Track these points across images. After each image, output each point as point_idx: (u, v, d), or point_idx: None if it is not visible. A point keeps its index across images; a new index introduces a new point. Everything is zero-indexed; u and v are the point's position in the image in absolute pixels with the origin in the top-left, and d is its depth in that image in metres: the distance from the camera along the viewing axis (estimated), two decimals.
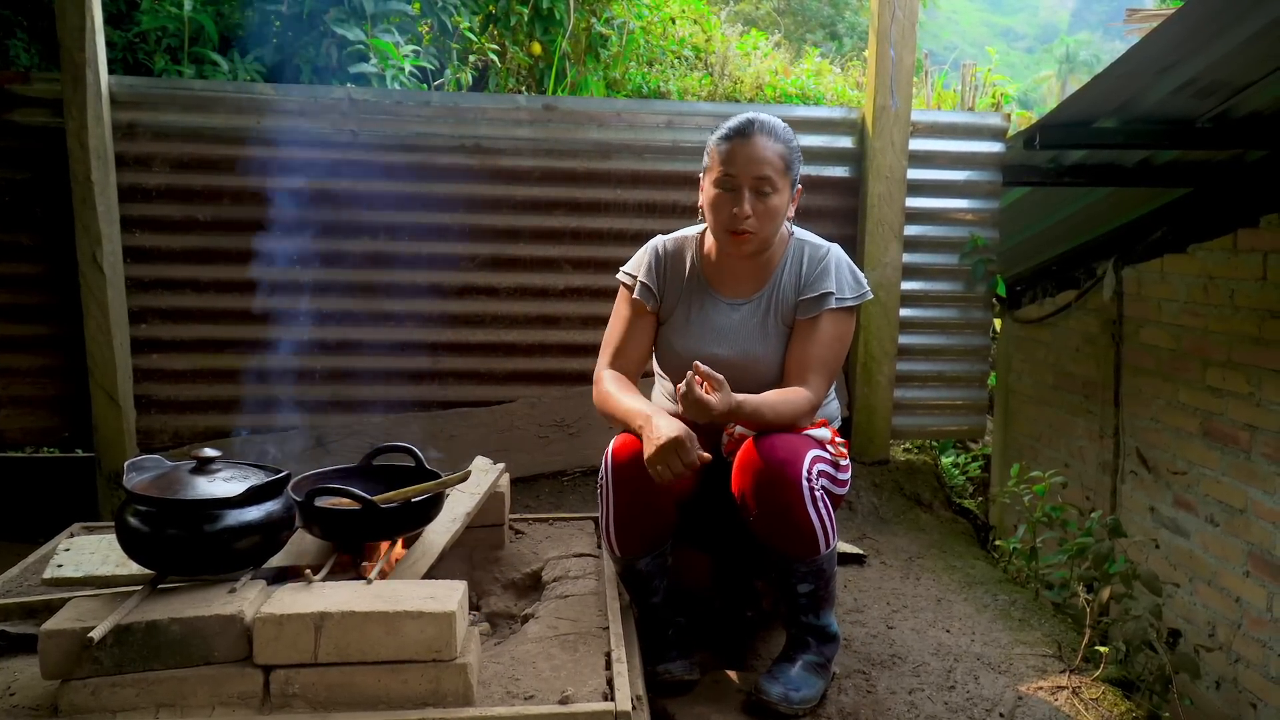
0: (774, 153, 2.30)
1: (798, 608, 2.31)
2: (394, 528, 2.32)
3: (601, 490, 2.32)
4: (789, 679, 2.25)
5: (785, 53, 8.85)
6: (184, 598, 1.97)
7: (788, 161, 2.32)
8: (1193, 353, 4.00)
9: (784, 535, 2.22)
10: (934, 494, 3.94)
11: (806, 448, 2.24)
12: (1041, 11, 58.15)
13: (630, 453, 2.25)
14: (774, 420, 2.26)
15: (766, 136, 2.31)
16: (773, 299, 2.41)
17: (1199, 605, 3.94)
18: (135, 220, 3.58)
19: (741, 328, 2.41)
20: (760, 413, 2.23)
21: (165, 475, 2.10)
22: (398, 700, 1.89)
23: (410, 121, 3.67)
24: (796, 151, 2.36)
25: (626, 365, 2.49)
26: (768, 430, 2.26)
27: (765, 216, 2.30)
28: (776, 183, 2.29)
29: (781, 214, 2.34)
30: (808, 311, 2.37)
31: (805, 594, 2.29)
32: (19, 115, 3.53)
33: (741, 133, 2.32)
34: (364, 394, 3.73)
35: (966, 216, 4.00)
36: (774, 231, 2.35)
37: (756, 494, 2.19)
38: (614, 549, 2.37)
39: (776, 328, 2.41)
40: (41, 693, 1.96)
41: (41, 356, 3.64)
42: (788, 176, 2.33)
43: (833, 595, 2.36)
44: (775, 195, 2.30)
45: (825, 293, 2.36)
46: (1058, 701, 2.37)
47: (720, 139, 2.35)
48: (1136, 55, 3.20)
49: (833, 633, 2.37)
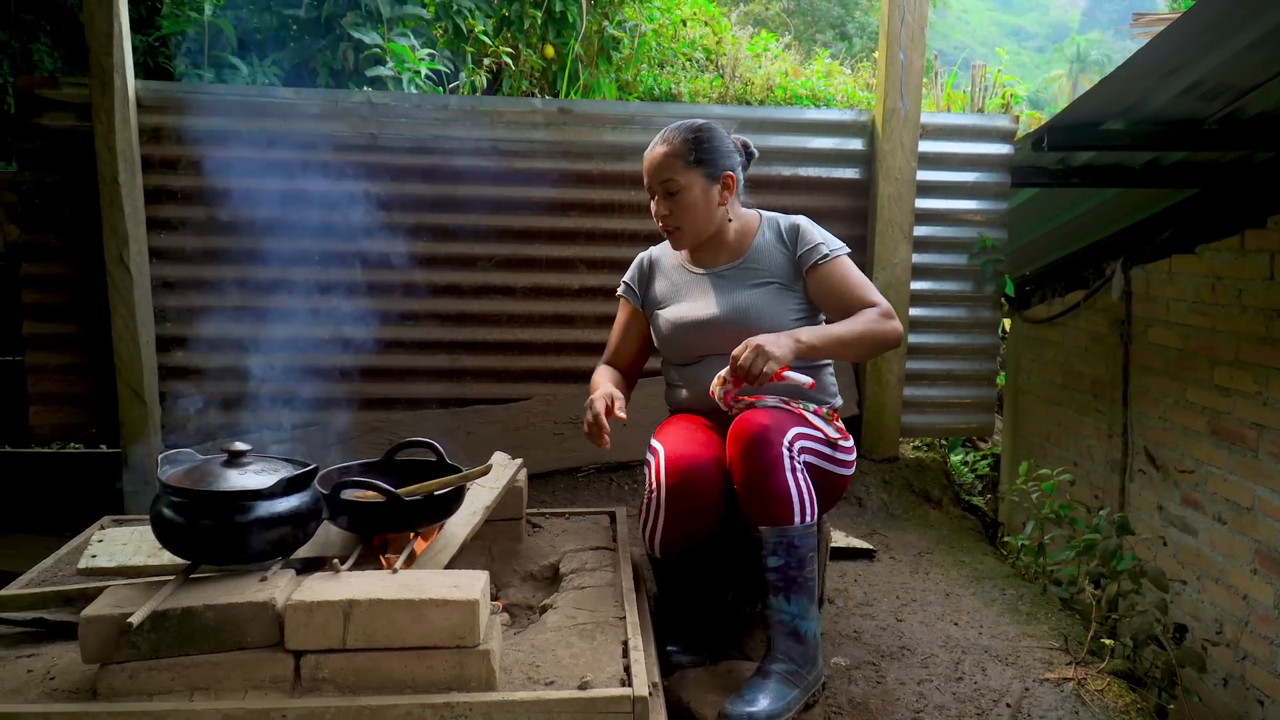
0: (667, 154, 2.47)
1: (767, 586, 2.27)
2: (416, 520, 2.39)
3: (651, 500, 2.38)
4: (754, 698, 2.19)
5: (795, 54, 8.90)
6: (217, 585, 2.03)
7: (685, 157, 2.46)
8: (1200, 352, 4.04)
9: (759, 500, 2.24)
10: (943, 491, 4.00)
11: (791, 423, 2.31)
12: (1052, 11, 57.98)
13: (682, 465, 2.32)
14: (854, 337, 2.37)
15: (661, 143, 2.50)
16: (756, 259, 2.55)
17: (1206, 603, 3.99)
18: (160, 221, 3.66)
19: (726, 289, 2.54)
20: (832, 337, 2.36)
21: (198, 468, 2.16)
22: (423, 685, 1.95)
23: (429, 124, 3.75)
24: (701, 143, 2.48)
25: (618, 361, 2.73)
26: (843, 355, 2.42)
27: (681, 212, 2.49)
28: (679, 180, 2.46)
29: (700, 204, 2.49)
30: (810, 262, 2.50)
31: (775, 568, 2.25)
32: (48, 119, 3.62)
33: (649, 147, 2.53)
34: (383, 391, 3.80)
35: (975, 217, 4.05)
36: (701, 222, 2.51)
37: (740, 459, 2.26)
38: (654, 550, 2.44)
39: (763, 283, 2.52)
40: (80, 676, 2.03)
41: (69, 354, 3.72)
42: (694, 170, 2.47)
43: (808, 585, 2.28)
44: (685, 191, 2.46)
45: (815, 245, 2.52)
46: (1064, 693, 2.42)
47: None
48: (1143, 58, 3.25)
49: (808, 636, 2.29)
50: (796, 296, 2.52)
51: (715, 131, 2.53)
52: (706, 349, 2.51)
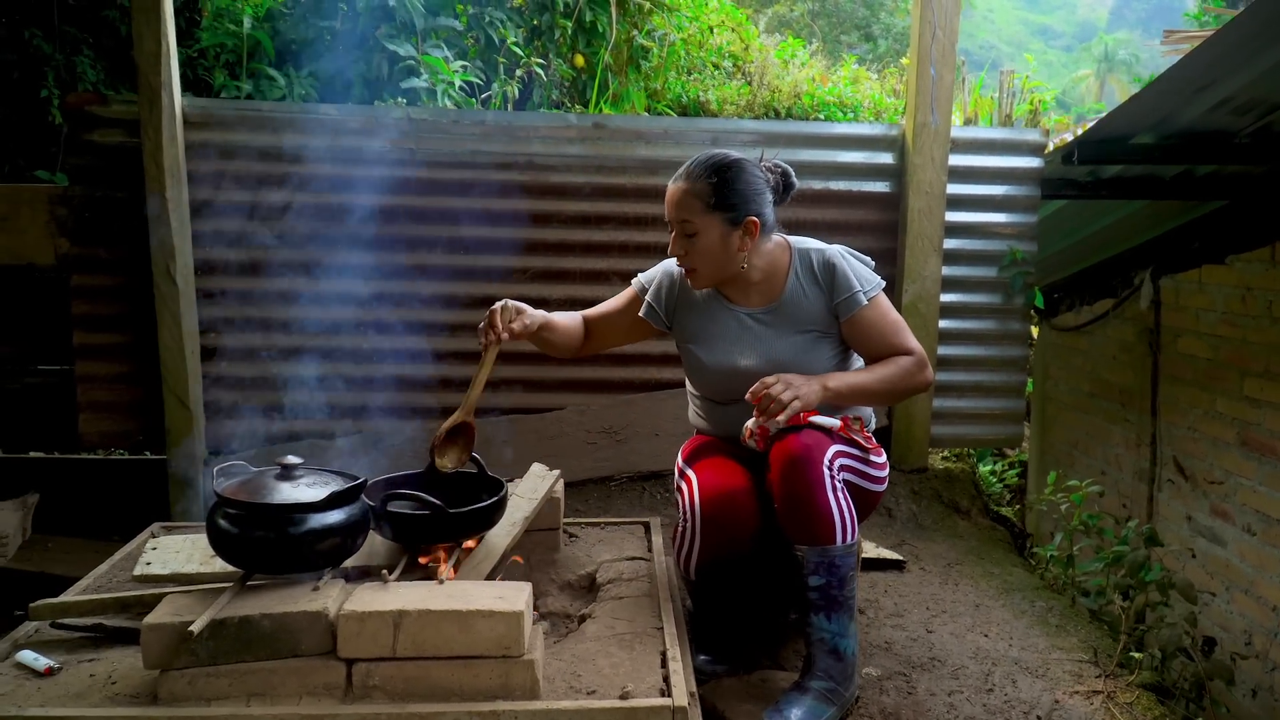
0: (686, 193, 2.39)
1: (808, 605, 2.31)
2: (460, 531, 2.46)
3: (685, 528, 2.44)
4: (791, 713, 2.25)
5: (821, 58, 8.93)
6: (271, 595, 2.11)
7: (705, 199, 2.38)
8: (1230, 363, 4.06)
9: (802, 520, 2.28)
10: (972, 501, 4.04)
11: (831, 442, 2.35)
12: (1080, 9, 57.57)
13: (715, 495, 2.37)
14: (882, 387, 2.41)
15: (684, 179, 2.41)
16: (792, 305, 2.50)
17: (1235, 614, 4.00)
18: (205, 235, 3.76)
19: (764, 336, 2.51)
20: (860, 388, 2.40)
21: (252, 480, 2.24)
22: (470, 693, 2.02)
23: (465, 139, 3.83)
24: (725, 185, 2.39)
25: (594, 326, 2.71)
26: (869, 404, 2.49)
27: (695, 255, 2.42)
28: (695, 223, 2.38)
29: (717, 250, 2.41)
30: (848, 312, 2.46)
31: (816, 588, 2.29)
32: (98, 135, 3.72)
33: (673, 178, 2.45)
34: (422, 401, 3.88)
35: (1005, 230, 4.08)
36: (717, 267, 2.44)
37: (781, 480, 2.29)
38: (689, 574, 2.50)
39: (800, 332, 2.50)
40: (140, 681, 2.10)
41: (117, 363, 3.82)
42: (712, 214, 2.38)
43: (848, 604, 2.33)
44: (701, 235, 2.39)
45: (853, 293, 2.46)
46: (1093, 706, 2.46)
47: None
48: (1174, 75, 3.28)
49: (846, 654, 2.33)
50: (832, 341, 2.51)
51: (744, 171, 2.42)
52: (740, 394, 2.41)
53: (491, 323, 2.45)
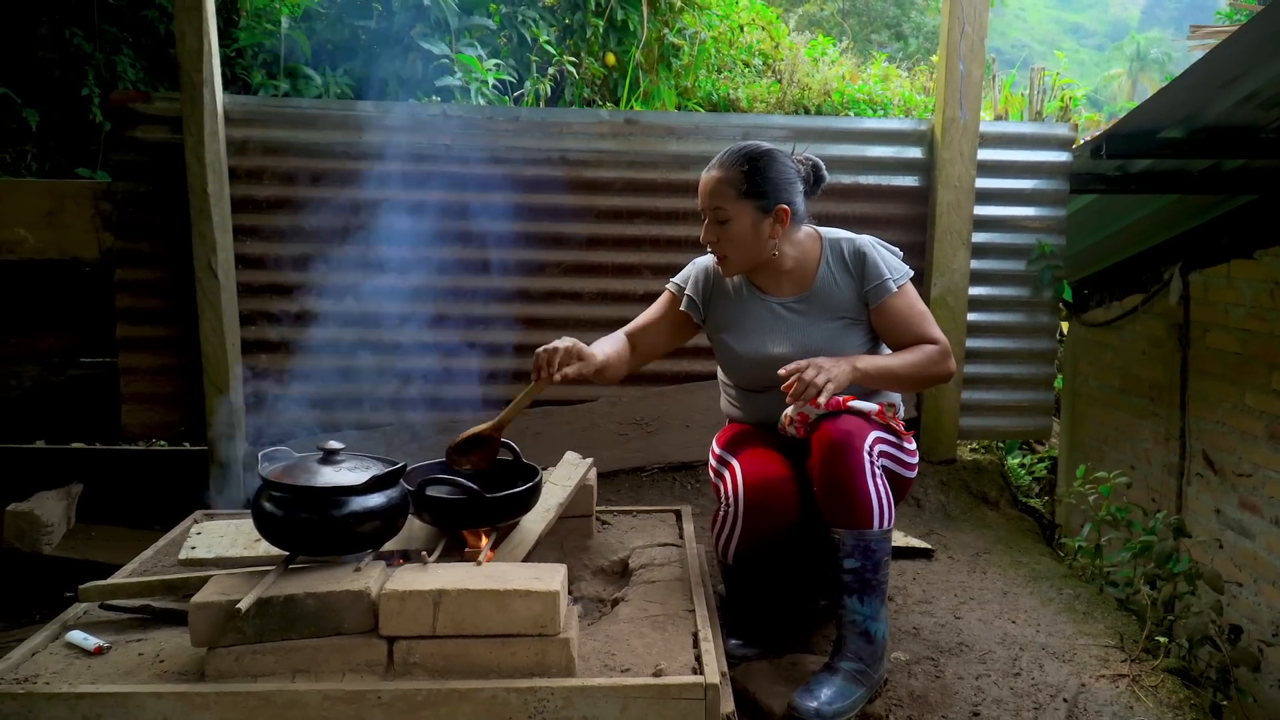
0: (720, 181, 2.45)
1: (842, 587, 2.36)
2: (496, 516, 2.52)
3: (727, 514, 2.48)
4: (822, 693, 2.28)
5: (851, 57, 8.95)
6: (315, 575, 2.17)
7: (738, 186, 2.44)
8: (1259, 357, 4.06)
9: (841, 504, 2.33)
10: (1000, 493, 4.06)
11: (871, 428, 2.40)
12: (1111, 8, 57.03)
13: (759, 483, 2.42)
14: (908, 372, 2.46)
15: (717, 167, 2.48)
16: (824, 294, 2.56)
17: (1263, 605, 4.01)
18: (246, 229, 3.84)
19: (797, 324, 2.57)
20: (888, 371, 2.46)
21: (295, 465, 2.31)
22: (507, 670, 2.08)
23: (501, 135, 3.90)
24: (757, 173, 2.45)
25: (636, 339, 2.72)
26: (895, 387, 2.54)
27: (727, 241, 2.48)
28: (728, 210, 2.44)
29: (748, 237, 2.47)
30: (877, 299, 2.52)
31: (851, 570, 2.34)
32: (140, 132, 3.82)
33: (707, 167, 2.51)
34: (456, 393, 3.94)
35: (1034, 224, 4.10)
36: (748, 253, 2.50)
37: (823, 463, 2.34)
38: (726, 559, 2.55)
39: (832, 319, 2.55)
40: (188, 659, 2.17)
41: (160, 356, 3.91)
42: (744, 201, 2.44)
43: (880, 588, 2.38)
44: (733, 222, 2.45)
45: (882, 280, 2.52)
46: (1119, 689, 2.49)
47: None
48: (1201, 70, 3.29)
49: (877, 637, 2.38)
50: (862, 328, 2.56)
51: (775, 161, 2.48)
52: (774, 382, 2.48)
53: (549, 360, 2.40)
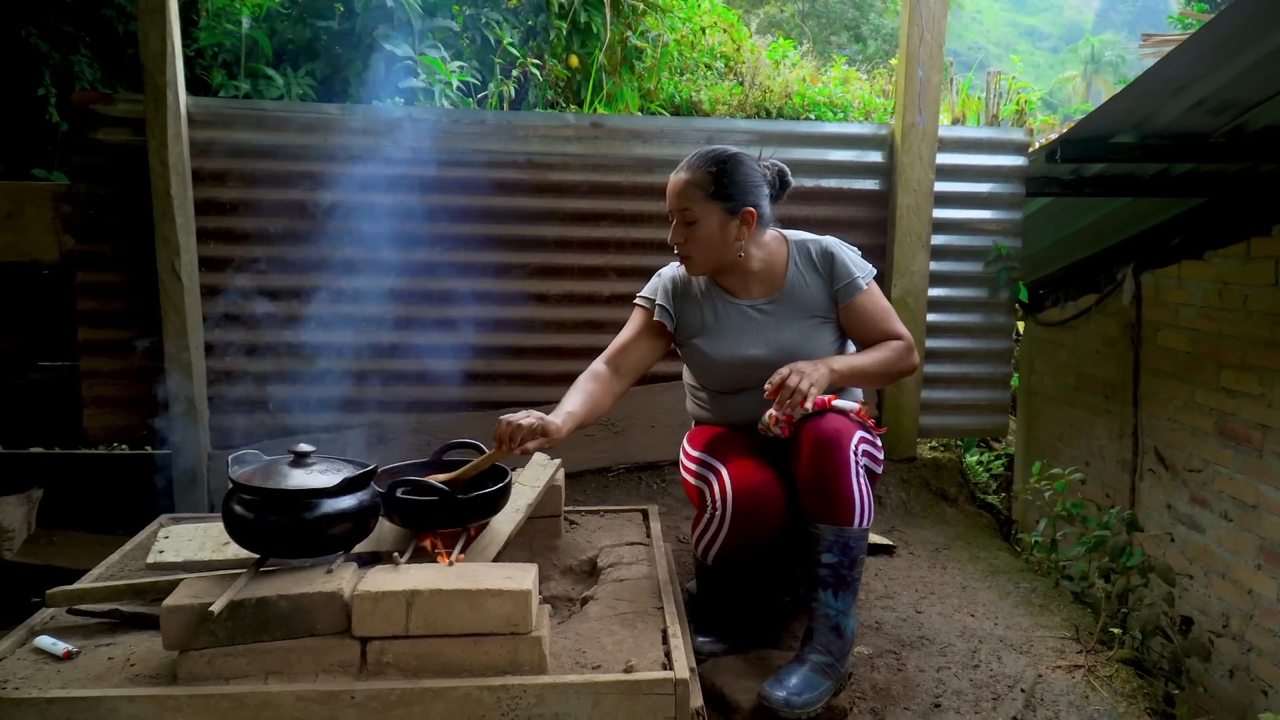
0: (688, 183, 2.50)
1: (817, 581, 2.41)
2: (466, 517, 2.55)
3: (713, 517, 2.50)
4: (790, 682, 2.32)
5: (812, 59, 9.02)
6: (287, 577, 2.18)
7: (705, 188, 2.49)
8: (1208, 355, 4.17)
9: (826, 500, 2.39)
10: (959, 489, 4.14)
11: (855, 427, 2.47)
12: (1066, 11, 57.90)
13: (748, 488, 2.45)
14: (877, 369, 2.54)
15: (685, 169, 2.53)
16: (794, 294, 2.62)
17: (1213, 597, 4.12)
18: (210, 232, 3.82)
19: (769, 326, 2.62)
20: (858, 369, 2.52)
21: (266, 467, 2.31)
22: (480, 669, 2.10)
23: (466, 139, 3.91)
24: (725, 176, 2.50)
25: (622, 366, 2.70)
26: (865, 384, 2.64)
27: (694, 242, 2.53)
28: (695, 211, 2.50)
29: (715, 238, 2.52)
30: (847, 297, 2.60)
31: (828, 565, 2.39)
32: (102, 134, 3.78)
33: (675, 170, 2.56)
34: (422, 394, 3.96)
35: (991, 226, 4.19)
36: (714, 254, 2.55)
37: (810, 460, 2.40)
38: (706, 560, 2.58)
39: (804, 319, 2.61)
40: (159, 663, 2.17)
41: (122, 359, 3.86)
42: (712, 202, 2.49)
43: (854, 585, 2.43)
44: (701, 223, 2.50)
45: (852, 279, 2.60)
46: (1075, 679, 2.57)
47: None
48: (1153, 76, 3.39)
49: (847, 632, 2.43)
50: (831, 326, 2.63)
51: (742, 164, 2.54)
52: (748, 384, 2.58)
53: (511, 435, 2.44)
